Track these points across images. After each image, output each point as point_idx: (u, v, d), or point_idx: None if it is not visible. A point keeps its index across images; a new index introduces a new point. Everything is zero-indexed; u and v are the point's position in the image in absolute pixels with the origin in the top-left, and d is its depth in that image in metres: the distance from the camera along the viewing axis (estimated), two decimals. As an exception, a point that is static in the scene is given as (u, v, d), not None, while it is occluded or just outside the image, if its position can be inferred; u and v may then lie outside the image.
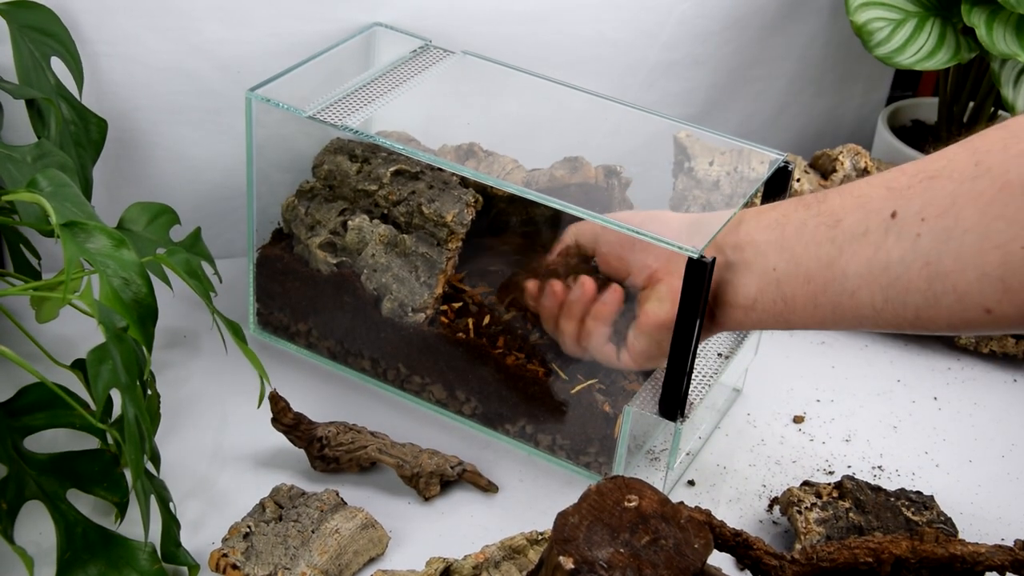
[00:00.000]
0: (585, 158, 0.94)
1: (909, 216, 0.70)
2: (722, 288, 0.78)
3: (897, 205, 0.70)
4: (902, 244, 0.70)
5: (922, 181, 0.70)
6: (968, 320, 0.69)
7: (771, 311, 0.77)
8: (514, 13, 1.05)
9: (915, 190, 0.70)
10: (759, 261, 0.77)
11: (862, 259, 0.72)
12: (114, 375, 0.66)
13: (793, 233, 0.75)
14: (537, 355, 0.88)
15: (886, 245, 0.71)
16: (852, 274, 0.72)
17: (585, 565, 0.59)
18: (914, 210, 0.70)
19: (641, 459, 0.89)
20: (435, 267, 0.89)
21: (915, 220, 0.69)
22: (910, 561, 0.71)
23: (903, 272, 0.70)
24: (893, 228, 0.70)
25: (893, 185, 0.72)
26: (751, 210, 0.80)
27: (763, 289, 0.76)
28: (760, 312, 0.77)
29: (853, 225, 0.72)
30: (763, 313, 0.77)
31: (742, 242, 0.78)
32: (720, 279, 0.78)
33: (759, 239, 0.77)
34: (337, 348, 0.96)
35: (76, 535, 0.73)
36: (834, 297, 0.74)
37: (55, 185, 0.72)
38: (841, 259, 0.73)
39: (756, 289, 0.77)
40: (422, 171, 0.91)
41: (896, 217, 0.70)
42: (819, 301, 0.74)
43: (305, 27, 0.98)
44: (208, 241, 0.94)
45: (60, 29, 0.91)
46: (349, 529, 0.78)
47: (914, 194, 0.70)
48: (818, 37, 1.21)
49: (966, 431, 0.97)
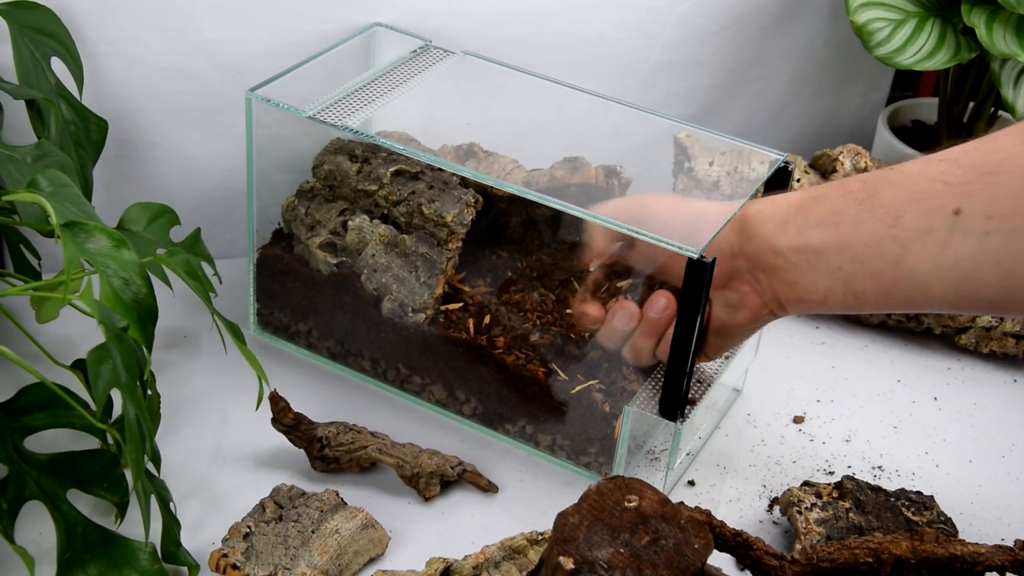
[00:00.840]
0: (585, 158, 0.94)
1: (974, 214, 0.69)
2: (790, 287, 0.78)
3: (959, 202, 0.70)
4: (969, 242, 0.69)
5: (981, 176, 0.69)
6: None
7: (843, 304, 0.76)
8: (514, 13, 1.05)
9: (975, 186, 0.69)
10: (821, 262, 0.76)
11: (929, 257, 0.71)
12: (114, 375, 0.66)
13: (850, 232, 0.74)
14: (537, 355, 0.88)
15: (953, 243, 0.70)
16: (921, 271, 0.72)
17: (585, 565, 0.59)
18: (978, 208, 0.69)
19: (641, 459, 0.89)
20: (435, 267, 0.89)
21: (981, 218, 0.69)
22: (910, 561, 0.71)
23: (974, 270, 0.70)
24: (958, 226, 0.70)
25: (950, 180, 0.71)
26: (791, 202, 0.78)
27: (832, 288, 0.76)
28: (833, 305, 0.77)
29: (915, 223, 0.71)
30: (836, 306, 0.77)
31: (797, 244, 0.77)
32: (786, 280, 0.78)
33: (814, 240, 0.76)
34: (337, 348, 0.96)
35: (76, 535, 0.73)
36: (905, 291, 0.73)
37: (55, 185, 0.72)
38: (907, 257, 0.72)
39: (825, 287, 0.76)
40: (422, 171, 0.91)
41: (960, 215, 0.69)
42: (890, 295, 0.74)
43: (305, 27, 0.98)
44: (208, 241, 0.94)
45: (60, 29, 0.91)
46: (349, 529, 0.78)
47: (975, 191, 0.69)
48: (818, 37, 1.21)
49: (966, 431, 0.97)
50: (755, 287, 0.80)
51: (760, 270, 0.79)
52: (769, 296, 0.79)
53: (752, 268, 0.79)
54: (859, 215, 0.74)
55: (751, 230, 0.79)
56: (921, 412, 0.99)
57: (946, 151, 0.73)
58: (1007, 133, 0.71)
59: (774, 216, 0.78)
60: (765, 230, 0.78)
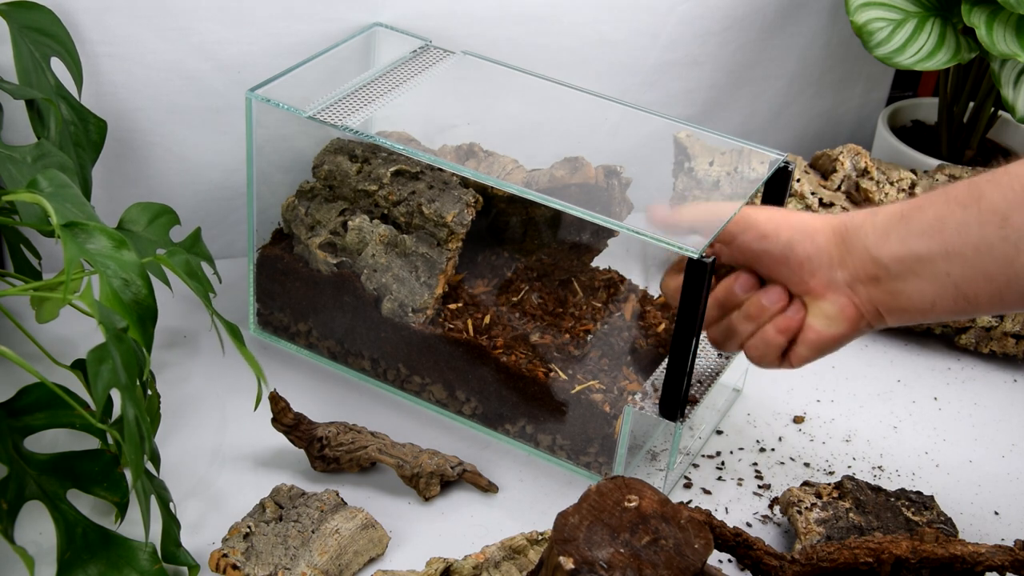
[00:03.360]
0: (585, 158, 0.94)
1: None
2: (893, 297, 0.77)
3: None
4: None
5: None
6: None
7: (952, 309, 0.76)
8: (514, 13, 1.05)
9: None
10: (927, 269, 0.75)
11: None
12: (114, 375, 0.66)
13: (956, 236, 0.74)
14: (537, 355, 0.88)
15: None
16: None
17: (585, 565, 0.59)
18: None
19: (641, 459, 0.89)
20: (435, 267, 0.89)
21: None
22: (910, 561, 0.71)
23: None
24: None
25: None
26: (892, 213, 0.78)
27: (940, 294, 0.75)
28: (940, 311, 0.77)
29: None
30: (944, 312, 0.77)
31: (900, 253, 0.76)
32: (889, 290, 0.77)
33: (919, 248, 0.75)
34: (337, 348, 0.96)
35: (76, 535, 0.73)
36: (1020, 290, 0.73)
37: (55, 185, 0.73)
38: (1021, 257, 0.72)
39: (933, 294, 0.76)
40: (422, 171, 0.91)
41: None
42: (1005, 295, 0.74)
43: (305, 27, 0.98)
44: (208, 241, 0.94)
45: (60, 30, 0.91)
46: (349, 529, 0.78)
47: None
48: (818, 37, 1.21)
49: (966, 431, 0.97)
50: (853, 298, 0.79)
51: (860, 282, 0.78)
52: (868, 307, 0.79)
53: (852, 280, 0.78)
54: (965, 219, 0.74)
55: (851, 241, 0.78)
56: (921, 412, 0.99)
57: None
58: None
59: (876, 227, 0.77)
60: (867, 241, 0.77)
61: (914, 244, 0.75)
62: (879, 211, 0.78)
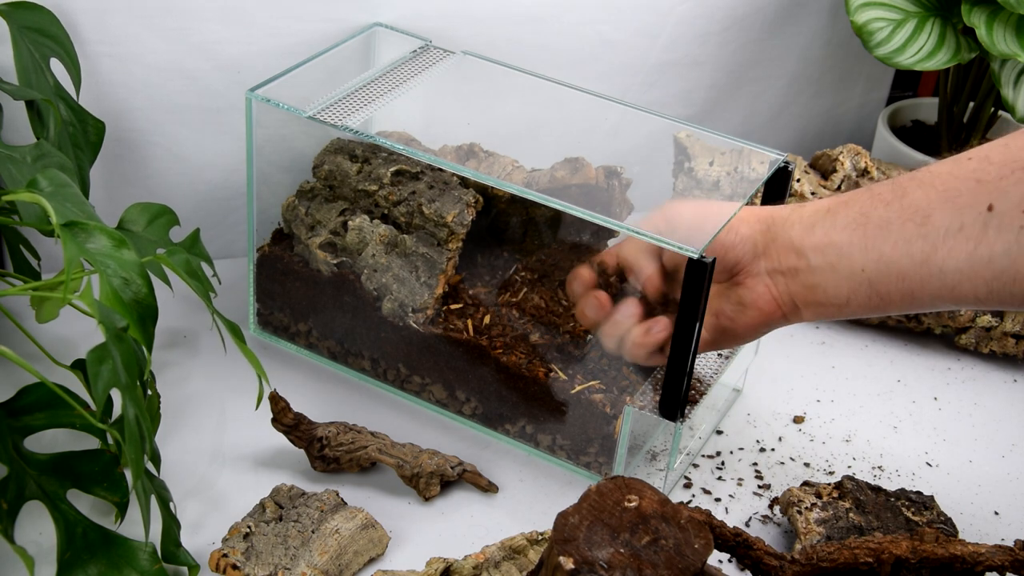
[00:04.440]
0: (586, 159, 0.94)
1: (1008, 209, 0.69)
2: (810, 290, 0.78)
3: (992, 198, 0.69)
4: (1005, 237, 0.69)
5: (1015, 172, 0.69)
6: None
7: (866, 306, 0.76)
8: (514, 13, 1.05)
9: (1009, 181, 0.69)
10: (845, 264, 0.76)
11: (961, 254, 0.71)
12: (114, 375, 0.66)
13: (877, 232, 0.74)
14: (537, 355, 0.88)
15: (987, 239, 0.70)
16: (951, 269, 0.71)
17: (585, 565, 0.59)
18: (1013, 202, 0.69)
19: (641, 459, 0.89)
20: (435, 267, 0.89)
21: (1016, 212, 0.69)
22: (910, 561, 0.71)
23: (1008, 265, 0.69)
24: (992, 221, 0.69)
25: (983, 177, 0.70)
26: (820, 207, 0.78)
27: (855, 290, 0.76)
28: (854, 308, 0.77)
29: (945, 220, 0.71)
30: (857, 309, 0.77)
31: (822, 244, 0.77)
32: (806, 282, 0.78)
33: (840, 241, 0.76)
34: (337, 348, 0.96)
35: (76, 535, 0.73)
36: (933, 291, 0.73)
37: (55, 185, 0.73)
38: (937, 255, 0.72)
39: (848, 290, 0.76)
40: (422, 171, 0.91)
41: (993, 210, 0.69)
42: (917, 295, 0.74)
43: (305, 27, 0.98)
44: (208, 241, 0.94)
45: (59, 31, 0.91)
46: (349, 529, 0.78)
47: (1008, 186, 0.69)
48: (818, 37, 1.21)
49: (966, 431, 0.97)
50: (771, 289, 0.79)
51: (780, 272, 0.79)
52: (785, 299, 0.79)
53: (772, 270, 0.79)
54: (887, 215, 0.74)
55: (776, 231, 0.79)
56: (921, 412, 0.99)
57: (975, 149, 0.73)
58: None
59: (802, 220, 0.78)
60: (792, 232, 0.78)
61: (836, 236, 0.76)
62: (806, 205, 0.79)
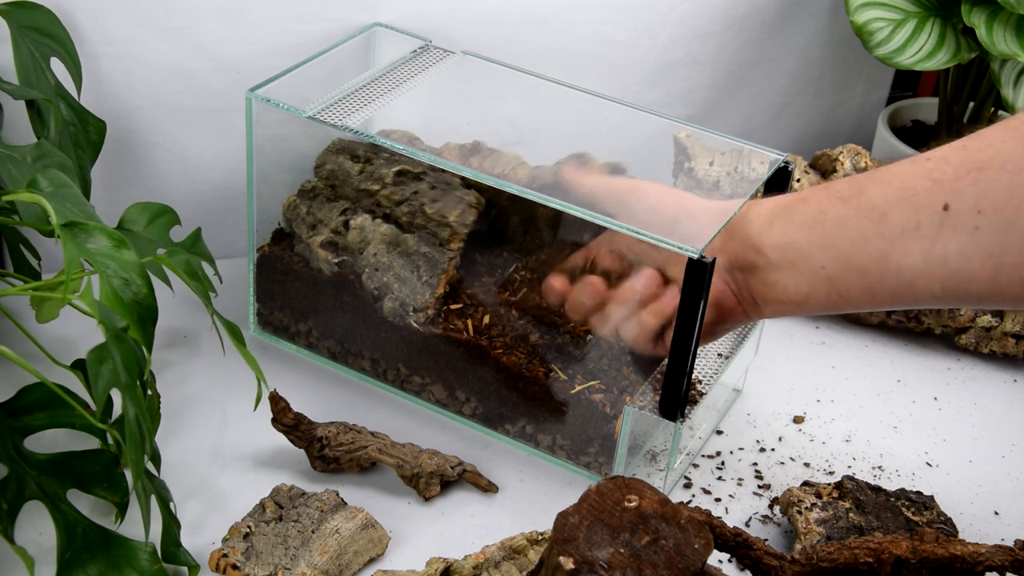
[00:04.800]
0: (592, 154, 0.94)
1: (963, 209, 0.69)
2: (769, 287, 0.78)
3: (948, 198, 0.70)
4: (960, 237, 0.69)
5: (971, 172, 0.69)
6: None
7: (825, 303, 0.77)
8: (514, 13, 1.05)
9: (965, 182, 0.69)
10: (804, 262, 0.76)
11: (917, 253, 0.71)
12: (114, 375, 0.66)
13: (835, 230, 0.74)
14: (537, 355, 0.88)
15: (942, 238, 0.70)
16: (907, 267, 0.72)
17: (585, 565, 0.59)
18: (968, 203, 0.69)
19: (641, 459, 0.89)
20: (437, 267, 0.89)
21: (971, 213, 0.69)
22: (910, 561, 0.71)
23: (964, 264, 0.70)
24: (948, 221, 0.70)
25: (938, 177, 0.71)
26: (777, 203, 0.78)
27: (815, 287, 0.76)
28: (814, 305, 0.77)
29: (902, 219, 0.72)
30: (817, 306, 0.77)
31: (780, 242, 0.77)
32: (765, 280, 0.78)
33: (799, 239, 0.76)
34: (337, 348, 0.96)
35: (76, 535, 0.73)
36: (891, 288, 0.73)
37: (55, 185, 0.72)
38: (894, 253, 0.72)
39: (808, 287, 0.76)
40: (425, 171, 0.91)
41: (949, 210, 0.69)
42: (876, 291, 0.74)
43: (305, 27, 0.98)
44: (208, 241, 0.94)
45: (60, 30, 0.91)
46: (349, 529, 0.78)
47: (964, 186, 0.69)
48: (818, 37, 1.21)
49: (966, 431, 0.97)
50: (731, 285, 0.80)
51: (739, 269, 0.79)
52: (745, 295, 0.79)
53: (731, 267, 0.79)
54: (845, 213, 0.74)
55: (734, 229, 0.79)
56: (921, 412, 0.99)
57: (933, 150, 0.73)
58: (994, 129, 0.71)
59: (759, 216, 0.78)
60: (749, 229, 0.78)
61: (795, 234, 0.76)
62: (765, 201, 0.79)
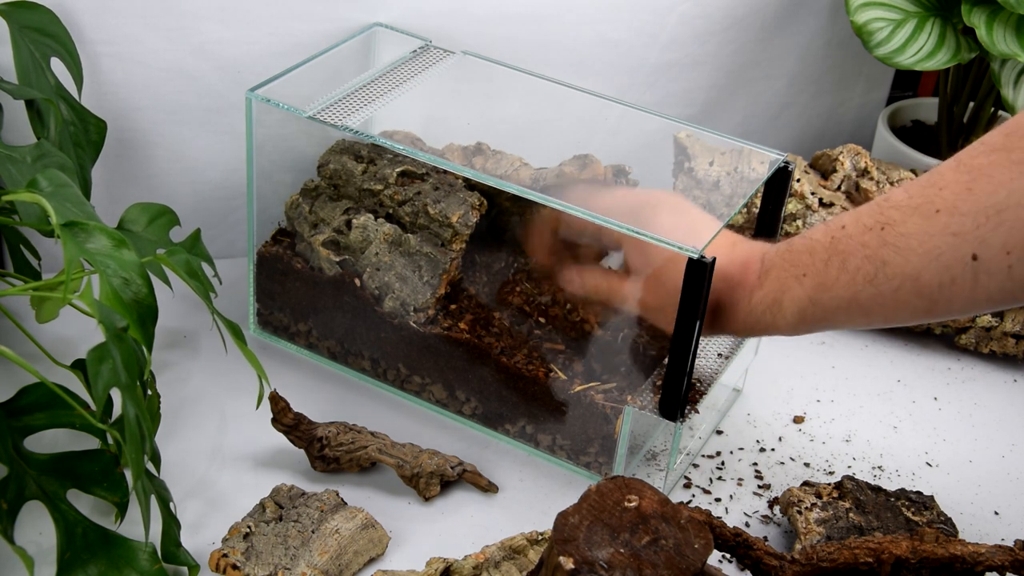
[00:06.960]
0: (594, 155, 0.94)
1: (992, 255, 0.71)
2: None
3: (973, 248, 0.71)
4: (996, 278, 0.71)
5: (989, 219, 0.71)
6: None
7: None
8: (514, 13, 1.05)
9: (986, 229, 0.71)
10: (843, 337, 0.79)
11: (959, 300, 0.73)
12: (114, 375, 0.66)
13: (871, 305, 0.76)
14: (537, 355, 0.88)
15: (980, 284, 0.72)
16: (955, 310, 0.74)
17: (585, 565, 0.59)
18: (996, 248, 0.71)
19: (641, 459, 0.89)
20: (438, 267, 0.89)
21: (1000, 255, 0.71)
22: (910, 561, 0.71)
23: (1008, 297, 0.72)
24: (981, 268, 0.71)
25: (957, 230, 0.72)
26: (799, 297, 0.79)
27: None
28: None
29: (936, 278, 0.73)
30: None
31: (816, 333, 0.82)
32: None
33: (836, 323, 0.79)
34: (337, 348, 0.96)
35: (76, 535, 0.73)
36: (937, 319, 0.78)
37: (55, 185, 0.72)
38: (938, 305, 0.74)
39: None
40: (428, 172, 0.91)
41: (978, 259, 0.71)
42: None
43: (305, 27, 0.98)
44: (208, 241, 0.94)
45: (60, 30, 0.91)
46: (349, 529, 0.78)
47: (986, 233, 0.71)
48: (818, 37, 1.21)
49: (966, 431, 0.97)
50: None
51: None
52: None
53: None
54: (875, 291, 0.76)
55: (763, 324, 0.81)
56: (921, 412, 0.99)
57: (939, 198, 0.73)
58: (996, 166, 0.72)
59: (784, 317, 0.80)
60: (775, 330, 0.81)
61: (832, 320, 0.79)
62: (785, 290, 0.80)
